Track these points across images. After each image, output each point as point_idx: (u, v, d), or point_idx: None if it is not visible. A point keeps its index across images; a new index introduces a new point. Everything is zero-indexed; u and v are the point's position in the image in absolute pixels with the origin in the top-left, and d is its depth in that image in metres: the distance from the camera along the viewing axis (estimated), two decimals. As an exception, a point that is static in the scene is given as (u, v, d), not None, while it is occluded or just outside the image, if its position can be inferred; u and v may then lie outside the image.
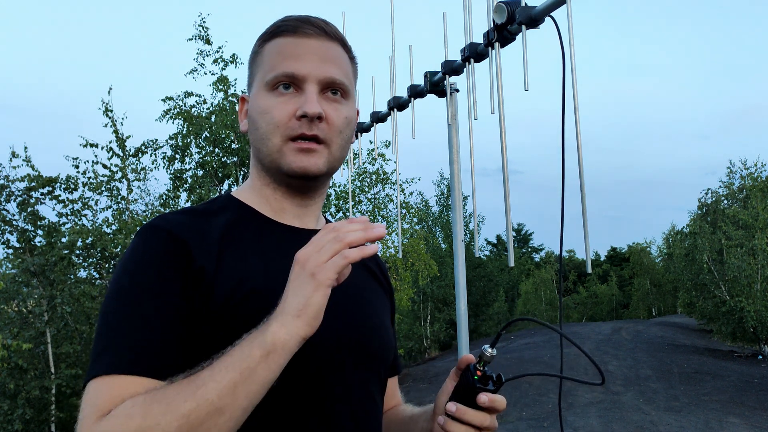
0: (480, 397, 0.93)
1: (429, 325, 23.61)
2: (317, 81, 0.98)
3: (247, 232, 0.99)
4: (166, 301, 0.87)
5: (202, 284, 0.89)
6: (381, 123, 2.54)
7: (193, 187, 11.32)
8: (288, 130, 0.97)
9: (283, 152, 0.98)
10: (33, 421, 9.55)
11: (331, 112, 0.99)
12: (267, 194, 1.04)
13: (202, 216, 0.98)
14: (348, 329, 0.99)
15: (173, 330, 0.87)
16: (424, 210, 26.19)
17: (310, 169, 0.98)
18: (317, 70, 0.98)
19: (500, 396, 0.95)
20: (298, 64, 0.98)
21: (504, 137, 1.66)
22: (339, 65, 1.01)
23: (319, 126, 0.97)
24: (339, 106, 1.00)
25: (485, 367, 0.95)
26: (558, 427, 8.99)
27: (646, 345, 17.72)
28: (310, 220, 1.06)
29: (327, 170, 1.01)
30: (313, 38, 1.00)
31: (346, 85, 1.01)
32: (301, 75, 0.97)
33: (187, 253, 0.90)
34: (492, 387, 0.94)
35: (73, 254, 10.14)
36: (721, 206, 18.52)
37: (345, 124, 1.01)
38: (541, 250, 49.09)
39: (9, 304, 10.64)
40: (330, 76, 0.99)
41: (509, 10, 1.64)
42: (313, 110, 0.95)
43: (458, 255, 2.07)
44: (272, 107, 0.98)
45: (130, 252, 0.92)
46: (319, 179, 1.02)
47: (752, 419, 9.20)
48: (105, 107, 10.94)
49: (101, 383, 0.83)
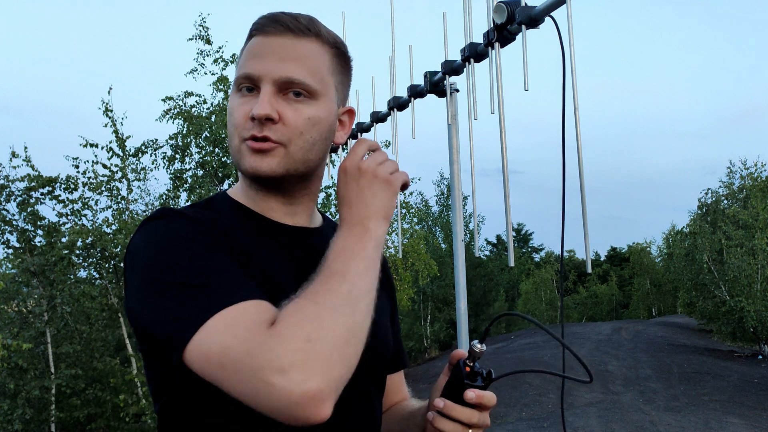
0: (467, 393, 0.92)
1: (429, 325, 23.63)
2: (272, 81, 0.95)
3: (243, 229, 0.99)
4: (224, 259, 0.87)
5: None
6: (381, 123, 2.54)
7: (193, 187, 11.32)
8: (243, 131, 0.96)
9: (241, 152, 0.97)
10: (33, 421, 9.55)
11: (288, 113, 0.95)
12: (252, 194, 1.03)
13: (202, 212, 0.99)
14: None
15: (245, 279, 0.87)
16: (424, 210, 26.22)
17: (261, 169, 0.95)
18: (273, 70, 0.95)
19: (489, 392, 0.94)
20: (256, 64, 0.96)
21: (504, 137, 1.67)
22: (303, 63, 0.97)
23: (272, 127, 0.95)
24: (300, 106, 0.96)
25: (475, 363, 0.95)
26: (558, 427, 8.99)
27: (646, 345, 17.72)
28: (302, 217, 1.06)
29: (285, 171, 0.97)
30: (277, 36, 0.97)
31: (309, 84, 0.96)
32: (256, 75, 0.95)
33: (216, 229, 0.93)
34: (481, 383, 0.93)
35: (73, 254, 10.14)
36: (721, 206, 18.53)
37: (307, 124, 0.97)
38: (541, 250, 49.14)
39: (9, 304, 10.64)
40: (286, 75, 0.95)
41: (509, 10, 1.64)
42: (258, 112, 0.93)
43: (458, 255, 2.07)
44: (234, 109, 0.97)
45: (154, 234, 0.89)
46: (284, 180, 0.99)
47: (752, 419, 9.21)
48: (105, 107, 10.94)
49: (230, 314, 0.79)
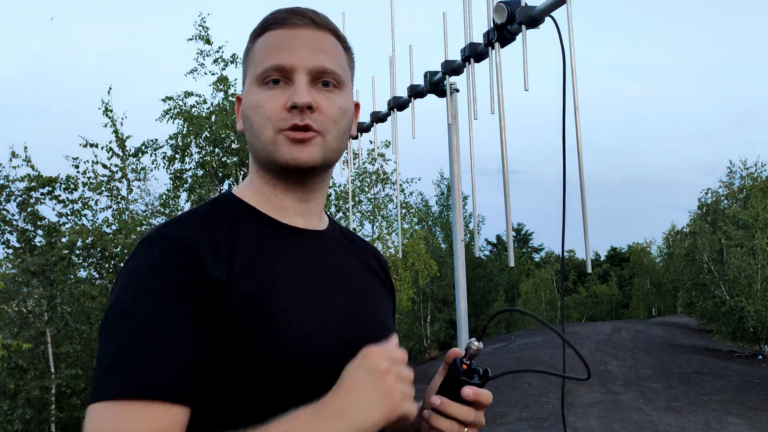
0: (464, 390, 0.91)
1: (429, 325, 23.61)
2: (307, 71, 0.96)
3: (252, 234, 0.97)
4: (180, 319, 0.84)
5: (216, 296, 0.86)
6: (381, 123, 2.54)
7: (193, 187, 11.33)
8: (280, 122, 0.95)
9: (276, 144, 0.95)
10: (33, 421, 9.56)
11: (323, 102, 0.96)
12: (267, 192, 1.01)
13: (207, 219, 0.96)
14: (354, 331, 0.99)
15: (187, 347, 0.83)
16: (424, 210, 26.20)
17: (302, 159, 0.95)
18: (307, 59, 0.96)
19: (486, 390, 0.93)
20: (286, 55, 0.96)
21: (504, 137, 1.67)
22: (330, 54, 0.99)
23: (311, 116, 0.95)
24: (332, 96, 0.98)
25: (471, 361, 0.94)
26: (558, 427, 8.99)
27: (646, 345, 17.72)
28: (313, 218, 1.05)
29: (323, 161, 0.98)
30: (302, 28, 0.98)
31: (339, 74, 0.98)
32: (290, 66, 0.95)
33: (200, 265, 0.87)
34: (478, 381, 0.93)
35: (73, 254, 10.14)
36: (721, 206, 18.53)
37: (340, 113, 0.98)
38: (541, 250, 49.09)
39: (9, 304, 10.65)
40: (320, 65, 0.96)
41: (509, 10, 1.64)
42: (302, 100, 0.93)
43: (458, 255, 2.07)
44: (263, 101, 0.96)
45: (138, 263, 0.88)
46: (315, 171, 0.99)
47: (752, 419, 9.21)
48: (105, 107, 10.96)
49: (107, 409, 0.77)
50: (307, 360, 0.90)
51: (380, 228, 14.77)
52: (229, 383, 0.88)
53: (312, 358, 0.90)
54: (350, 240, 1.14)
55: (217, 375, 0.87)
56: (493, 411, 10.33)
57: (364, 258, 1.13)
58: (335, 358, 0.94)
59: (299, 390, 0.89)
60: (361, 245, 1.16)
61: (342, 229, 1.16)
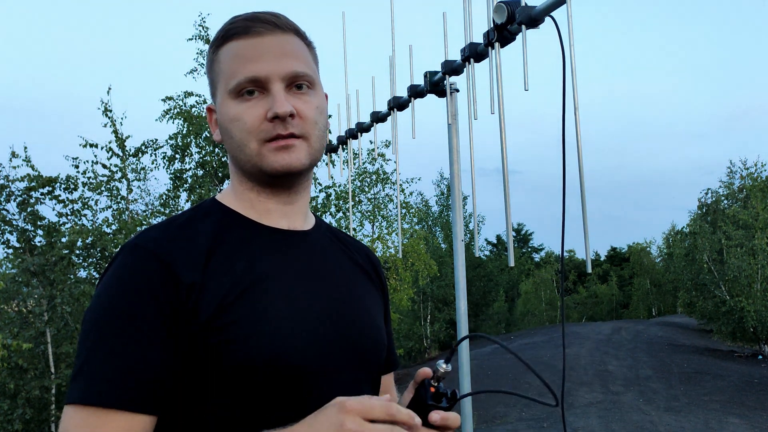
0: (431, 415, 0.89)
1: (429, 325, 23.63)
2: (281, 78, 0.97)
3: (233, 237, 0.98)
4: (147, 327, 0.86)
5: (189, 300, 0.88)
6: (381, 123, 2.54)
7: (193, 187, 11.33)
8: (262, 134, 0.96)
9: (262, 155, 0.97)
10: (33, 421, 9.55)
11: (301, 106, 0.98)
12: (251, 198, 1.02)
13: (186, 227, 0.97)
14: (339, 328, 0.99)
15: (155, 355, 0.86)
16: (424, 210, 26.23)
17: (293, 165, 0.97)
18: (278, 67, 0.96)
19: (453, 413, 0.92)
20: (257, 65, 0.96)
21: (504, 137, 1.67)
22: (298, 57, 0.99)
23: (293, 123, 0.96)
24: (307, 98, 0.99)
25: (440, 384, 0.93)
26: (558, 427, 8.99)
27: (646, 345, 17.72)
28: (297, 218, 1.05)
29: (310, 163, 1.00)
30: (266, 35, 0.98)
31: (310, 74, 1.00)
32: (264, 76, 0.96)
33: (171, 272, 0.89)
34: (445, 404, 0.91)
35: (73, 254, 10.14)
36: (721, 206, 18.55)
37: (318, 113, 1.00)
38: (541, 250, 49.08)
39: (9, 304, 10.64)
40: (292, 70, 0.97)
41: (509, 10, 1.64)
42: (283, 110, 0.94)
43: (458, 255, 2.07)
44: (241, 114, 0.97)
45: (112, 272, 0.91)
46: (303, 173, 1.01)
47: (752, 419, 9.21)
48: (104, 107, 10.96)
49: (75, 414, 0.84)
50: (289, 358, 0.91)
51: (380, 228, 14.78)
52: (206, 386, 0.88)
53: (293, 355, 0.91)
54: (338, 239, 1.14)
55: (193, 379, 0.88)
56: (493, 411, 10.34)
57: (352, 256, 1.13)
58: (318, 354, 0.94)
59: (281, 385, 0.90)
60: (350, 244, 1.16)
61: (332, 228, 1.16)
